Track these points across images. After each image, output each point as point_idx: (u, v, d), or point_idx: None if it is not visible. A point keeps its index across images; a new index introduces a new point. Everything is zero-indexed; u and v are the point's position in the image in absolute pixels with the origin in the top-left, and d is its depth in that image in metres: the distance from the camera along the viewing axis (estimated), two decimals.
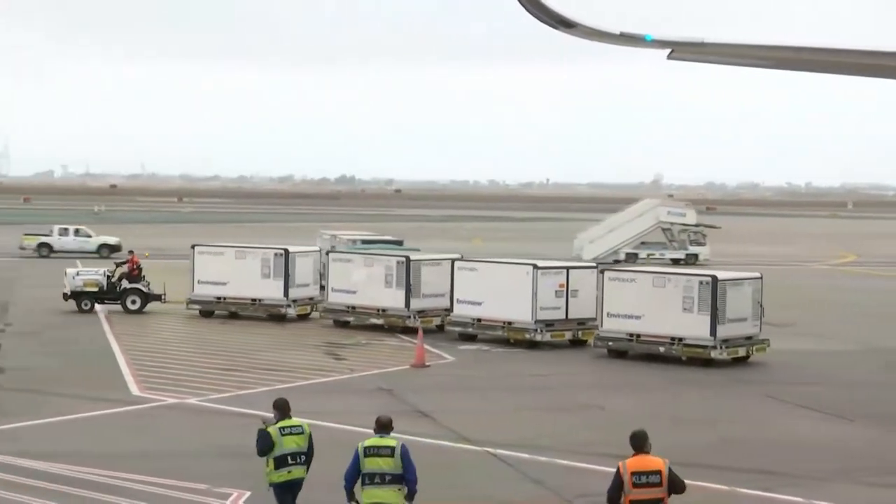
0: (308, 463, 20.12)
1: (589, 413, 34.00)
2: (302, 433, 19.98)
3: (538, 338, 45.77)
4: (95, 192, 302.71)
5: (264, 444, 19.70)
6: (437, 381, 38.71)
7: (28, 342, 45.73)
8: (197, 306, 54.79)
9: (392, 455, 18.09)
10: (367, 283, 51.02)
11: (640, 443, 16.90)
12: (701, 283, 42.65)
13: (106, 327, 50.20)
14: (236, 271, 54.15)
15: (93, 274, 56.38)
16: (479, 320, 47.51)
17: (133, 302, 55.42)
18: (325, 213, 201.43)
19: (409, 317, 49.66)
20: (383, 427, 18.41)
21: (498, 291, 46.80)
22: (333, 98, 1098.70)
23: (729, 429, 31.98)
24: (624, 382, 39.34)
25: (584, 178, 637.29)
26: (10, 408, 32.47)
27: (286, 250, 54.16)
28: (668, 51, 36.76)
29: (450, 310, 49.08)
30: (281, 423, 19.92)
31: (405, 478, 18.18)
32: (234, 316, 54.28)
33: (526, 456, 27.77)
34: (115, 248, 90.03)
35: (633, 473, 16.53)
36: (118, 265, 57.65)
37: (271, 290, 53.46)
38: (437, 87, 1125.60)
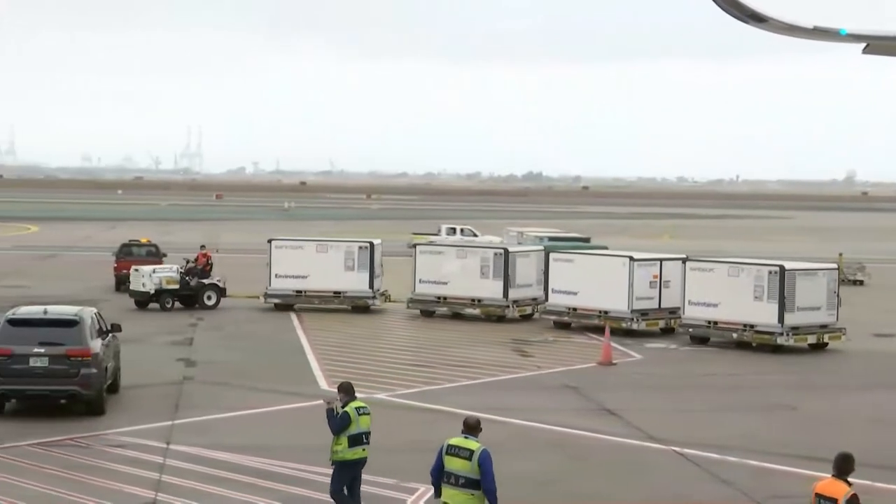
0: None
1: (780, 413, 33.34)
2: (369, 414, 20.80)
3: (634, 326, 47.78)
4: (285, 189, 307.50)
5: (343, 424, 20.45)
6: (624, 379, 38.40)
7: (219, 336, 46.53)
8: (275, 300, 54.83)
9: (470, 458, 17.52)
10: (460, 275, 52.91)
11: (837, 465, 16.22)
12: (770, 272, 44.65)
13: (295, 322, 50.82)
14: (318, 264, 54.67)
15: (168, 271, 55.11)
16: (574, 309, 49.70)
17: (209, 298, 54.75)
18: (512, 209, 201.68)
19: (508, 306, 52.04)
20: (470, 428, 17.94)
21: (594, 282, 49.11)
22: (521, 94, 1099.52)
23: None
24: (817, 382, 38.62)
25: (775, 175, 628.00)
26: (201, 400, 33.06)
27: (371, 243, 55.34)
28: (863, 45, 35.89)
29: (536, 299, 52.67)
30: (354, 404, 20.62)
31: (482, 485, 17.50)
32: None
33: (715, 456, 27.34)
34: None
35: (816, 495, 16.00)
36: (187, 261, 57.28)
37: (356, 283, 54.60)
38: (626, 84, 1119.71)
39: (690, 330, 46.33)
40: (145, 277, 54.16)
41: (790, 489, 24.09)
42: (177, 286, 54.49)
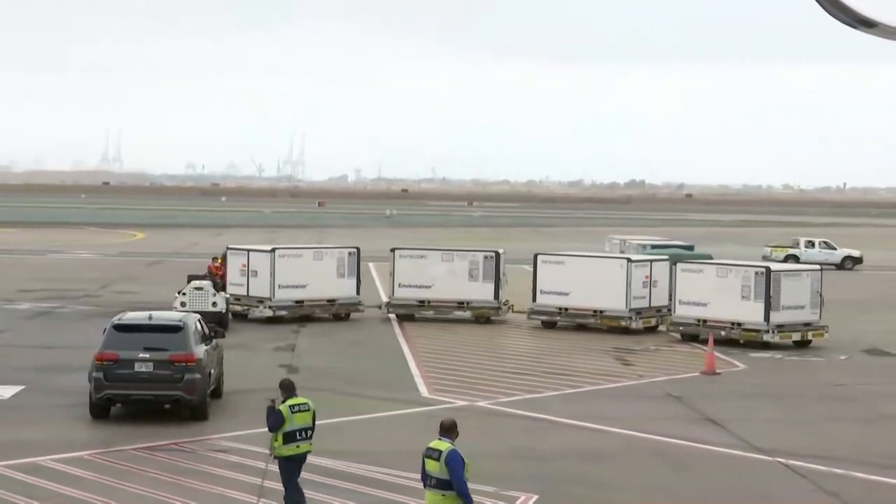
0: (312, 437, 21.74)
1: (889, 425, 32.82)
2: (308, 410, 21.63)
3: (633, 325, 50.22)
4: (387, 196, 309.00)
5: (276, 421, 21.33)
6: (727, 388, 38.03)
7: (321, 343, 46.73)
8: (282, 311, 52.51)
9: (438, 459, 17.44)
10: (446, 278, 53.99)
11: None
12: (756, 273, 46.97)
13: (396, 329, 50.94)
14: (314, 273, 53.79)
15: (212, 287, 50.86)
16: (565, 309, 51.95)
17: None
18: (615, 217, 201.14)
19: (499, 308, 53.83)
20: (444, 430, 17.82)
21: (587, 283, 51.27)
22: (624, 100, 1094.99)
23: None
24: None
25: (884, 183, 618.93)
26: None
27: (358, 249, 55.66)
28: None
29: (507, 300, 54.26)
30: (290, 402, 21.53)
31: (453, 487, 17.29)
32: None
33: (821, 467, 26.95)
34: (857, 261, 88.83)
35: None
36: (209, 273, 54.48)
37: (346, 289, 54.38)
38: (728, 89, 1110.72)
39: (681, 328, 48.42)
40: (214, 296, 49.37)
41: None
42: None
